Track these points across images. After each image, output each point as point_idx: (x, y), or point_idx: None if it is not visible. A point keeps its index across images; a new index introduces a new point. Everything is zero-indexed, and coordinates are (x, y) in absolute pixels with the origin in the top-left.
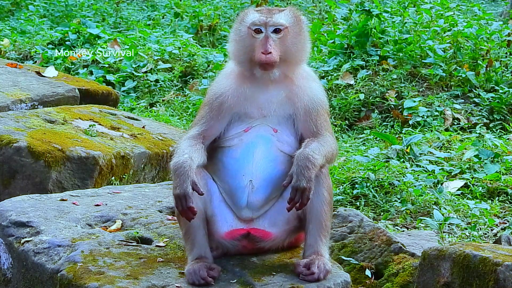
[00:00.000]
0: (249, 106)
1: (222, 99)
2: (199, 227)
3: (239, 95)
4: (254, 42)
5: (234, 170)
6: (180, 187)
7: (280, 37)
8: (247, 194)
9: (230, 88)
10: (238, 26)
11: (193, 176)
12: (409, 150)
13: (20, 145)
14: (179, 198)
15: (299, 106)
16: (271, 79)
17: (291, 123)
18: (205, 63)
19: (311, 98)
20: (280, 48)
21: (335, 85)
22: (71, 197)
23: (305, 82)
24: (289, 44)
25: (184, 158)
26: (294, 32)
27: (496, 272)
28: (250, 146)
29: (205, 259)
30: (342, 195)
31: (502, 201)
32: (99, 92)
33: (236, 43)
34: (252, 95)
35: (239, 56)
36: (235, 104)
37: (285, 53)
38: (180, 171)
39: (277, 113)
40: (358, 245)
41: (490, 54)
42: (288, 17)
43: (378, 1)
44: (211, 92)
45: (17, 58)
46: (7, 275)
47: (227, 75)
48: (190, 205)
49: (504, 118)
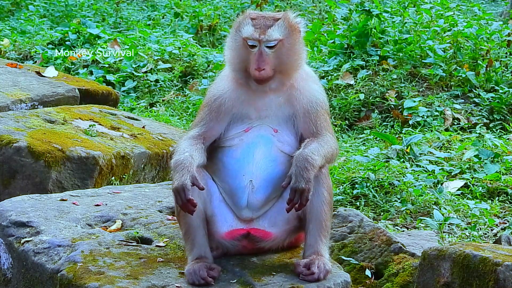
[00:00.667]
0: (247, 108)
1: (221, 100)
2: (199, 227)
3: (237, 97)
4: (249, 54)
5: (234, 170)
6: (178, 180)
7: (274, 51)
8: (247, 194)
9: (228, 90)
10: (234, 34)
11: (193, 171)
12: (409, 150)
13: (20, 145)
14: (177, 192)
15: (298, 108)
16: (269, 90)
17: (291, 123)
18: (205, 63)
19: (310, 100)
20: (275, 61)
21: (335, 85)
22: (71, 197)
23: (304, 83)
24: (284, 55)
25: (184, 156)
26: (289, 43)
27: (496, 272)
28: (250, 146)
29: (205, 259)
30: (342, 195)
31: (502, 201)
32: (99, 92)
33: (231, 51)
34: (249, 98)
35: (234, 64)
36: (233, 105)
37: (281, 64)
38: (180, 167)
39: (276, 114)
40: (358, 245)
41: (490, 54)
42: (282, 28)
43: (378, 1)
44: (209, 93)
45: (17, 58)
46: (7, 275)
47: (224, 77)
48: (189, 197)
49: (504, 118)
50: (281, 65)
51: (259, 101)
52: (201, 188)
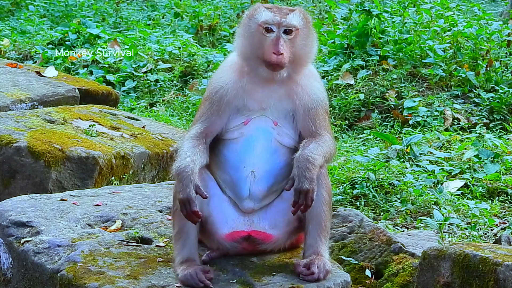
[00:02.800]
0: (248, 99)
1: (222, 92)
2: (192, 229)
3: (239, 88)
4: (264, 41)
5: (235, 162)
6: (183, 192)
7: (291, 38)
8: (249, 185)
9: (230, 80)
10: (248, 22)
11: (195, 180)
12: (409, 150)
13: (20, 145)
14: (183, 203)
15: (298, 104)
16: (276, 79)
17: (291, 119)
18: (205, 63)
19: (311, 97)
20: (290, 50)
21: (335, 85)
22: (71, 197)
23: (306, 81)
24: (298, 46)
25: (186, 162)
26: (304, 34)
27: (496, 272)
28: (250, 139)
29: (193, 261)
30: (342, 195)
31: (502, 201)
32: (99, 92)
33: (244, 39)
34: (252, 88)
35: (245, 52)
36: (234, 97)
37: (294, 54)
38: (182, 176)
39: (276, 107)
40: (358, 245)
41: (490, 54)
42: (299, 18)
43: (378, 1)
44: (211, 86)
45: (17, 58)
46: (7, 275)
47: (227, 68)
48: (194, 209)
49: (504, 118)
50: (294, 55)
51: (261, 92)
52: (204, 197)
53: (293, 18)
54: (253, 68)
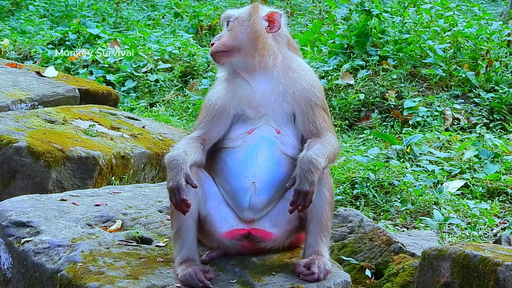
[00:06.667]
0: (244, 106)
1: (215, 101)
2: (191, 228)
3: (232, 96)
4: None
5: (237, 172)
6: (173, 179)
7: (229, 28)
8: (250, 196)
9: (222, 90)
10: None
11: (186, 169)
12: (409, 150)
13: (20, 145)
14: (172, 191)
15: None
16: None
17: (291, 119)
18: (205, 63)
19: (304, 86)
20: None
21: (335, 85)
22: (71, 197)
23: (295, 74)
24: (238, 33)
25: (178, 152)
26: (242, 20)
27: (496, 272)
28: (253, 148)
29: (193, 261)
30: (342, 195)
31: (502, 201)
32: (99, 92)
33: None
34: (244, 93)
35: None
36: (229, 105)
37: (236, 41)
38: (173, 164)
39: (273, 107)
40: (358, 245)
41: (490, 54)
42: (242, 9)
43: (378, 1)
44: (206, 96)
45: (17, 58)
46: (7, 275)
47: (220, 80)
48: (183, 197)
49: (504, 118)
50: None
51: (255, 93)
52: (194, 186)
53: (233, 10)
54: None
